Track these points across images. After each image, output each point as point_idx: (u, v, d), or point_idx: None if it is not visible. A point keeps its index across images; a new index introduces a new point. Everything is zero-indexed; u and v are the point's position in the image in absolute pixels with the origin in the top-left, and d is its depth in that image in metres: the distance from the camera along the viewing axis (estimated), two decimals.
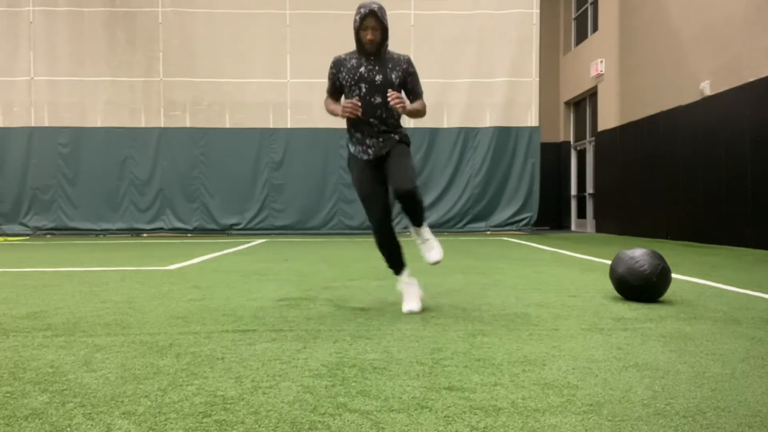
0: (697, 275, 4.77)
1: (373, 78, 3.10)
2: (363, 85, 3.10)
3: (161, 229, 12.85)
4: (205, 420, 1.55)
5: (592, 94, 13.98)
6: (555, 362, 2.11)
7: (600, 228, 13.02)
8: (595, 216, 13.42)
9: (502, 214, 12.98)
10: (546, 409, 1.62)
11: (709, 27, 9.00)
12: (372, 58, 3.12)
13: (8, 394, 1.77)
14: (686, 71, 9.64)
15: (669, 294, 3.73)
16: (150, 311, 3.20)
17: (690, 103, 9.51)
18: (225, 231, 12.90)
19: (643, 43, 11.11)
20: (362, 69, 3.10)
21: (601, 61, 12.77)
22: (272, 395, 1.76)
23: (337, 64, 3.18)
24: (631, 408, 1.64)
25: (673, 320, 2.89)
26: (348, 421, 1.54)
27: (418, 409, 1.63)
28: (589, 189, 14.07)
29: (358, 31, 3.06)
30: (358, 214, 12.73)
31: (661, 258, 3.40)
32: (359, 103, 2.98)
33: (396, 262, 3.29)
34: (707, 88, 9.09)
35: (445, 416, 1.57)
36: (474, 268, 5.41)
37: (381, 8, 3.03)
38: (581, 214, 14.75)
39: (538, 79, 13.02)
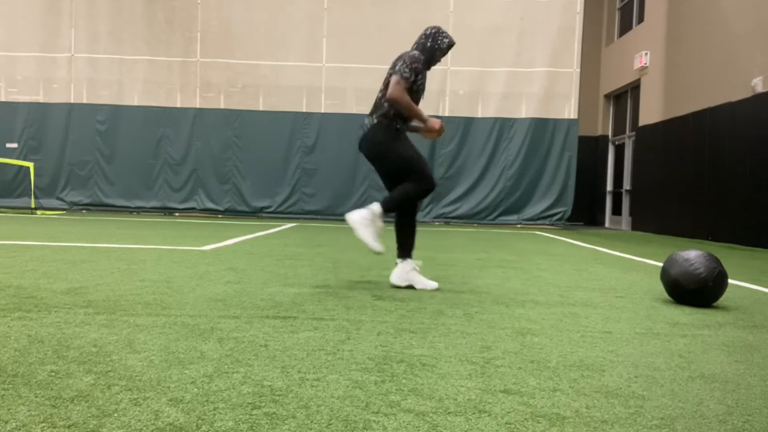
0: (746, 280, 4.56)
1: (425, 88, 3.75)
2: (422, 94, 3.66)
3: (193, 209, 12.99)
4: (254, 412, 1.49)
5: (634, 87, 13.57)
6: (614, 368, 2.00)
7: (636, 226, 12.69)
8: (632, 213, 13.08)
9: (535, 208, 12.75)
10: (614, 421, 1.52)
11: (764, 21, 8.59)
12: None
13: (53, 373, 1.74)
14: (737, 66, 9.25)
15: (721, 299, 3.56)
16: (188, 292, 3.17)
17: (740, 99, 9.13)
18: (255, 213, 12.96)
19: (691, 35, 10.70)
20: (426, 82, 3.68)
21: (646, 53, 12.36)
22: (321, 389, 1.69)
23: (423, 69, 3.57)
24: (707, 424, 1.52)
25: (732, 327, 2.74)
26: (404, 422, 1.46)
27: (476, 413, 1.54)
28: (626, 185, 13.72)
29: (439, 51, 3.60)
30: None
31: (717, 261, 3.23)
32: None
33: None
34: (759, 85, 8.70)
35: (506, 423, 1.48)
36: (511, 263, 5.28)
37: None
38: (616, 210, 14.40)
39: (579, 71, 12.68)
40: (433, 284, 3.54)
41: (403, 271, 3.54)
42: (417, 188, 3.45)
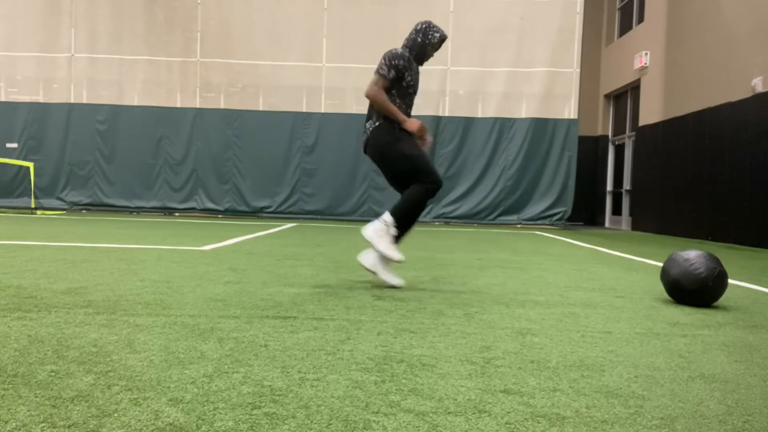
0: (746, 280, 4.57)
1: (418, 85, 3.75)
2: (415, 90, 3.61)
3: (193, 209, 12.99)
4: (254, 412, 1.49)
5: (634, 87, 13.57)
6: (614, 368, 2.00)
7: (636, 226, 12.69)
8: (632, 213, 13.08)
9: (535, 208, 12.75)
10: (614, 421, 1.52)
11: (764, 21, 8.59)
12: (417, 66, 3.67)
13: (53, 373, 1.74)
14: (737, 66, 9.25)
15: (721, 299, 3.56)
16: (188, 292, 3.17)
17: (740, 99, 9.13)
18: (255, 213, 12.96)
19: (691, 35, 10.70)
20: (418, 77, 3.62)
21: (646, 53, 12.37)
22: (321, 388, 1.69)
23: (409, 62, 3.51)
24: (707, 424, 1.52)
25: (732, 327, 2.74)
26: (404, 422, 1.46)
27: (476, 413, 1.54)
28: (626, 185, 13.72)
29: (430, 46, 3.55)
30: (389, 201, 12.66)
31: (717, 261, 3.23)
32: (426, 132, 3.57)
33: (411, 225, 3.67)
34: (759, 85, 8.70)
35: (506, 423, 1.48)
36: (511, 263, 5.28)
37: None
38: (616, 210, 14.41)
39: (579, 70, 12.68)
40: (399, 281, 3.54)
41: (377, 258, 3.53)
42: (423, 189, 3.47)
